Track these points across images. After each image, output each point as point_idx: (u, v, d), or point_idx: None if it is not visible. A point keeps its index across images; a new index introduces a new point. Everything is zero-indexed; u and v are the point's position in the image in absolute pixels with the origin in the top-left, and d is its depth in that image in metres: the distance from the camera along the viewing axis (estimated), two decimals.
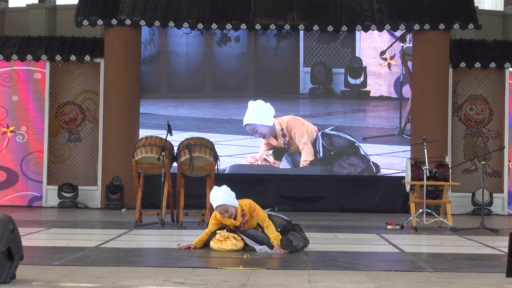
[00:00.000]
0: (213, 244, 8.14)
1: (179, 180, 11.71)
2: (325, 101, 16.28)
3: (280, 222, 8.42)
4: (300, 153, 14.41)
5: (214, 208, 8.15)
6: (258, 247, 8.03)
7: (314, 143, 14.87)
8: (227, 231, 8.18)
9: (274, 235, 8.06)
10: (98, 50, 15.94)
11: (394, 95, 16.29)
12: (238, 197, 8.22)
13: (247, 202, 8.19)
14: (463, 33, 16.08)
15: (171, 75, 16.56)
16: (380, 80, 16.32)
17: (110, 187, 15.42)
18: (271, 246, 8.00)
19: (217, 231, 8.19)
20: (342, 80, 16.31)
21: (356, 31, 15.87)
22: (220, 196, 8.09)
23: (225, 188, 8.15)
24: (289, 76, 16.38)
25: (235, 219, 8.13)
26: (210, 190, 11.62)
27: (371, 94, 16.34)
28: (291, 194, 15.76)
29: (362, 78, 16.29)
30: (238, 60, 16.46)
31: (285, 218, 8.55)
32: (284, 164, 15.53)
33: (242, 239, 8.13)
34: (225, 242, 8.08)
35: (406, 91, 16.18)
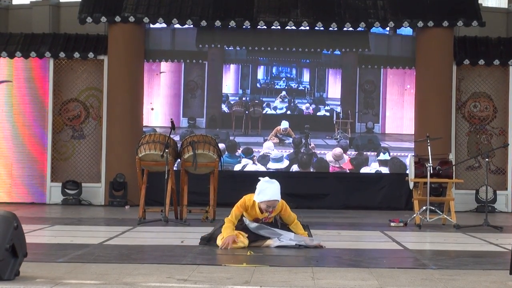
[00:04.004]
0: (220, 241, 8.11)
1: (182, 177, 11.71)
2: None
3: None
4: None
5: (266, 200, 7.96)
6: (291, 240, 8.01)
7: None
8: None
9: (302, 231, 8.18)
10: (102, 47, 15.95)
11: None
12: (244, 194, 8.21)
13: (281, 202, 8.16)
14: (467, 30, 16.04)
15: None
16: None
17: (113, 184, 15.44)
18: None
19: (222, 229, 8.17)
20: None
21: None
22: (277, 191, 8.00)
23: (278, 184, 8.06)
24: None
25: (262, 212, 8.13)
26: (214, 187, 11.72)
27: None
28: (294, 191, 15.74)
29: None
30: None
31: None
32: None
33: (248, 236, 8.11)
34: None
35: None
